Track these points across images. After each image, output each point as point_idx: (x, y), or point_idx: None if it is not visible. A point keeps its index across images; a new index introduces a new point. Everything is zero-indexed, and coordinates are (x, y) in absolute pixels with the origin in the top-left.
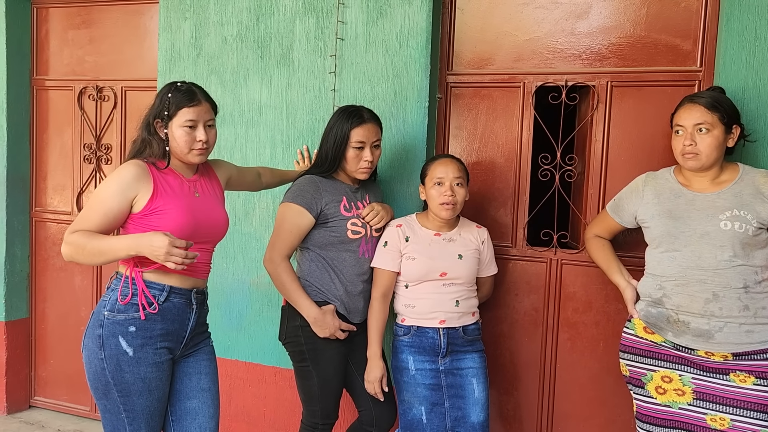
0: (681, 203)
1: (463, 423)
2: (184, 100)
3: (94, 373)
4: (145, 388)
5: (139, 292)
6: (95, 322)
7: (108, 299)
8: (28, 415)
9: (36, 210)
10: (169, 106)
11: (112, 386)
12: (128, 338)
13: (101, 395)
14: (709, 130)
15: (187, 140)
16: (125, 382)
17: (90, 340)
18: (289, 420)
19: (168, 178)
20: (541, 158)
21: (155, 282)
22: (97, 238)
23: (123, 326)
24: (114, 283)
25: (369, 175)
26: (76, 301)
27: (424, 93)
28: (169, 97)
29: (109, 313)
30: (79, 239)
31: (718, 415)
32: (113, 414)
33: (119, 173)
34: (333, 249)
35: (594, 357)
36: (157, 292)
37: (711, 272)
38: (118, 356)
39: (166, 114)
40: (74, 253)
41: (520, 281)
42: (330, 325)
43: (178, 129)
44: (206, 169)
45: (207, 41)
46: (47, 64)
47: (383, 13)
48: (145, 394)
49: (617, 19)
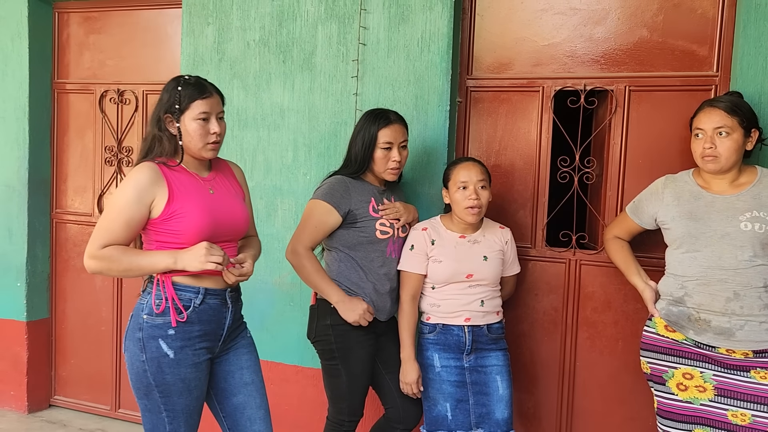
0: (701, 205)
1: (488, 419)
2: (196, 93)
3: (135, 375)
4: (185, 387)
5: (169, 298)
6: (135, 325)
7: (145, 303)
8: (49, 414)
9: (56, 212)
10: (181, 99)
11: (154, 387)
12: (168, 341)
13: (142, 395)
14: (729, 133)
15: (201, 133)
16: (166, 383)
17: (131, 343)
18: (311, 418)
19: (181, 177)
20: (560, 161)
21: (190, 285)
22: (132, 254)
23: (162, 329)
24: (148, 287)
25: (397, 176)
26: (96, 301)
27: (445, 97)
28: (179, 90)
29: (148, 316)
30: (112, 254)
31: (739, 411)
32: (154, 413)
33: (133, 178)
34: (362, 249)
35: (613, 355)
36: (193, 294)
37: (732, 272)
38: (159, 358)
39: (177, 108)
40: (105, 268)
41: (539, 281)
42: (357, 307)
43: (191, 122)
44: (223, 168)
45: (230, 46)
46: (68, 67)
47: (405, 18)
48: (185, 394)
49: (634, 24)
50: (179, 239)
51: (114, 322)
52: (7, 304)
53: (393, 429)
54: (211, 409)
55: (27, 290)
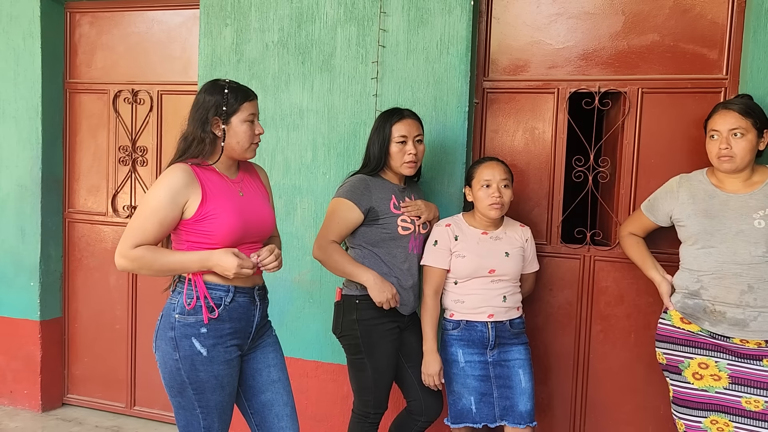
0: (716, 203)
1: (512, 412)
2: (245, 96)
3: (169, 373)
4: (218, 384)
5: (201, 296)
6: (166, 324)
7: (176, 302)
8: (63, 412)
9: (69, 211)
10: (230, 102)
11: (188, 385)
12: (201, 339)
13: (176, 393)
14: (744, 134)
15: (250, 135)
16: (200, 380)
17: (163, 342)
18: (330, 412)
19: (213, 179)
20: (575, 160)
21: (220, 284)
22: (164, 254)
23: (194, 328)
24: (179, 286)
25: (415, 170)
26: (110, 300)
27: (464, 98)
28: (227, 93)
29: (180, 315)
30: (144, 254)
31: (753, 398)
32: (188, 410)
33: (168, 180)
34: (384, 245)
35: (626, 347)
36: (223, 293)
37: (746, 266)
38: (192, 356)
39: (224, 110)
40: (137, 267)
41: (554, 277)
42: (388, 290)
43: (241, 124)
44: (249, 170)
45: (248, 47)
46: (80, 67)
47: (424, 22)
48: (218, 390)
49: (646, 28)
50: (211, 240)
51: (129, 320)
52: (20, 304)
53: (415, 421)
54: (239, 407)
55: (40, 290)
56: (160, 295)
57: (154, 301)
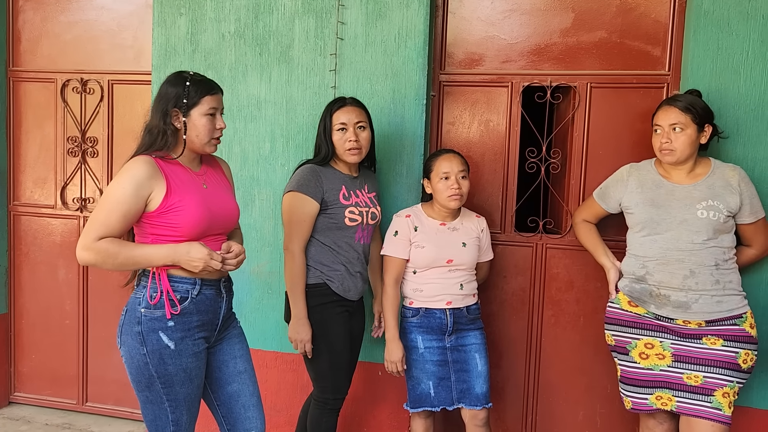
0: (662, 193)
1: (468, 394)
2: (206, 89)
3: (136, 368)
4: (186, 377)
5: (164, 292)
6: (131, 319)
7: (141, 296)
8: (10, 411)
9: (14, 204)
10: (191, 94)
11: (156, 379)
12: (168, 333)
13: (143, 387)
14: (683, 129)
15: (210, 129)
16: (168, 374)
17: (129, 337)
18: (290, 402)
19: (177, 171)
20: (528, 152)
21: (187, 277)
22: (129, 247)
23: (162, 322)
24: (143, 280)
25: (360, 157)
26: (59, 294)
27: (422, 91)
28: (188, 85)
29: (146, 310)
30: (108, 247)
31: (693, 374)
32: (156, 404)
33: (131, 172)
34: (331, 234)
35: (575, 330)
36: (190, 286)
37: (688, 253)
38: (160, 350)
39: (185, 102)
40: (100, 261)
41: (508, 264)
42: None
43: (201, 117)
44: (212, 163)
45: (204, 37)
46: (25, 55)
47: (382, 15)
48: (186, 383)
49: (595, 26)
50: (177, 232)
51: (80, 316)
52: None
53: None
54: (205, 399)
55: None
56: (112, 290)
57: (106, 296)
